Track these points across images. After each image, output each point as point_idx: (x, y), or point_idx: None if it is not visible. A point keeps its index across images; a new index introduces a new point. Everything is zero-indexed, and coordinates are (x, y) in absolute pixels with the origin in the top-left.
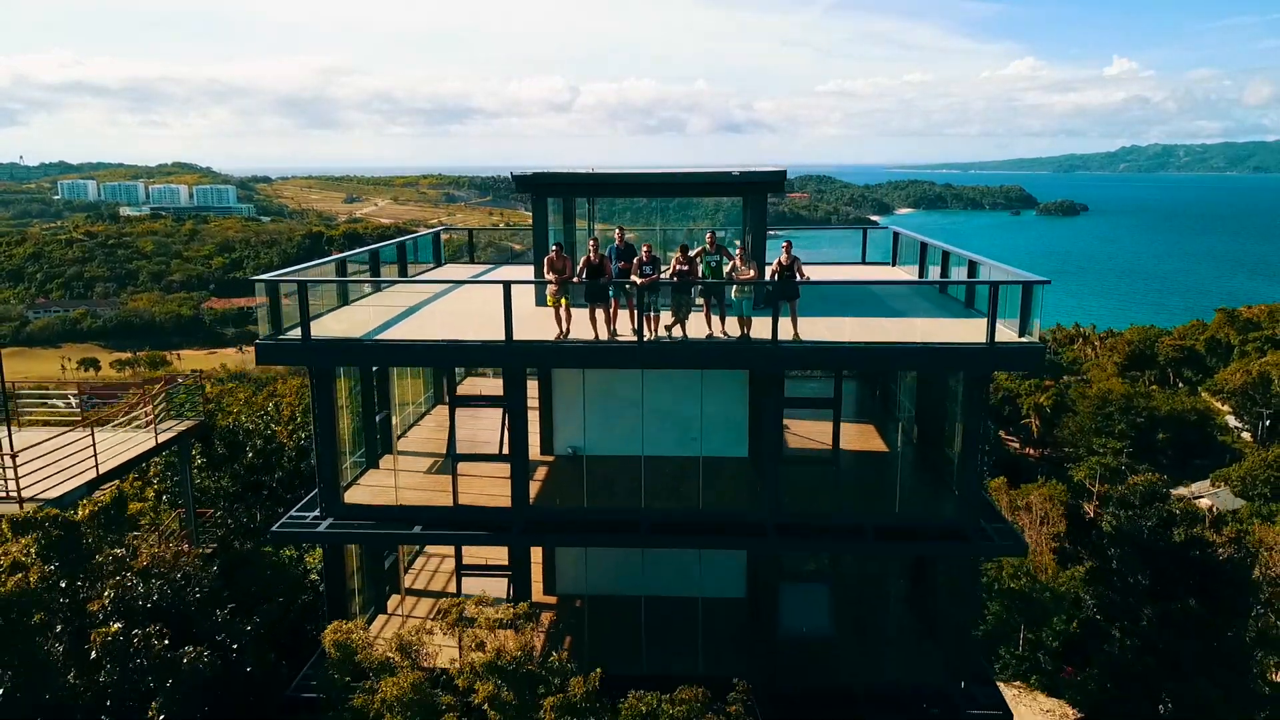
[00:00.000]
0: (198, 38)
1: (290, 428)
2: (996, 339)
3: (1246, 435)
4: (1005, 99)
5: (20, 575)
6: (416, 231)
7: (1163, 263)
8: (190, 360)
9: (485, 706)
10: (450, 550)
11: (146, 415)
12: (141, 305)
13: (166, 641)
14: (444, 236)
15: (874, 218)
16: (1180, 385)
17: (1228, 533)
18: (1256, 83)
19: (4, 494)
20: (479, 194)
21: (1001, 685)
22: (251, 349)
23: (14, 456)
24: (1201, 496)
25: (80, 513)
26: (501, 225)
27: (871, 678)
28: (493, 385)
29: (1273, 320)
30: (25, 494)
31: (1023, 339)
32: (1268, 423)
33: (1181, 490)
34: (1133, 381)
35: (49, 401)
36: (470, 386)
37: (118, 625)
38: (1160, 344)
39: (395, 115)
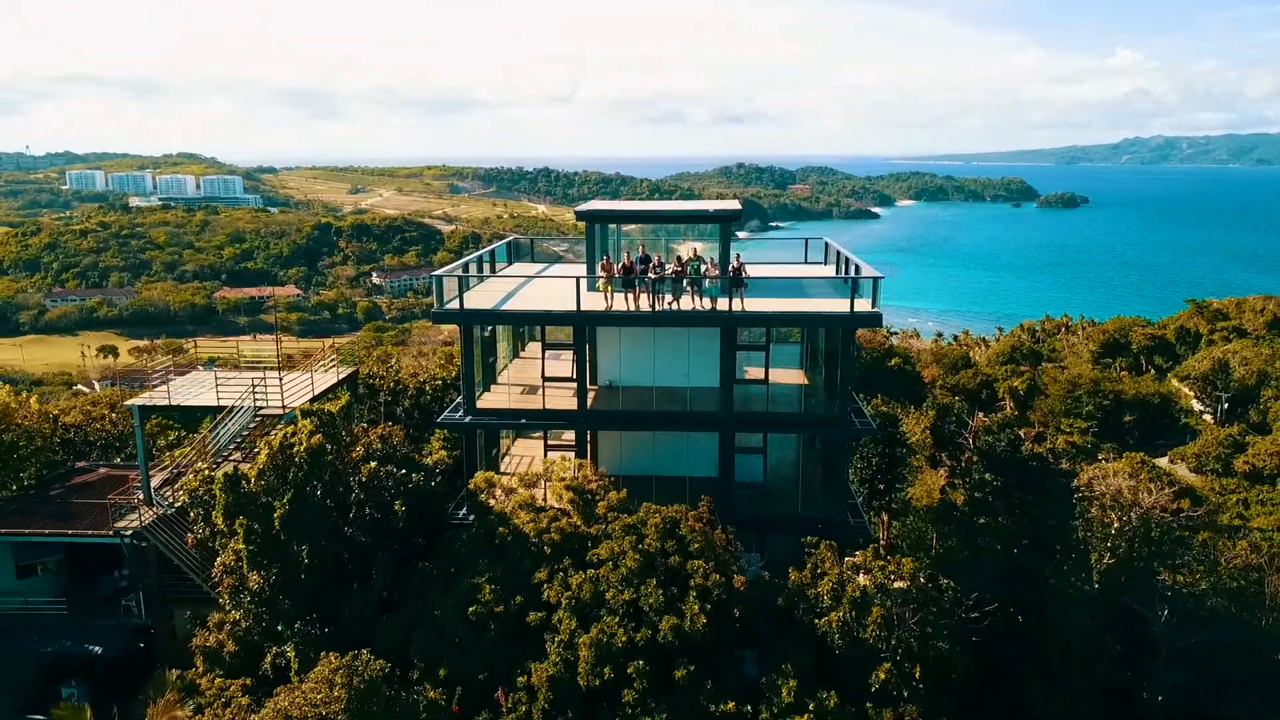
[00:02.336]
0: (195, 26)
1: (408, 373)
2: (856, 309)
3: (1208, 417)
4: (1008, 91)
5: (317, 436)
6: (423, 222)
7: (1159, 255)
8: (206, 348)
9: (569, 508)
10: (526, 451)
11: (329, 363)
12: (156, 295)
13: (404, 472)
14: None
15: (875, 209)
16: (1151, 371)
17: (1043, 447)
18: (1261, 74)
19: (265, 402)
20: (482, 185)
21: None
22: (264, 337)
23: (281, 380)
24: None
25: (333, 408)
26: (506, 216)
27: (789, 511)
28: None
29: (1240, 311)
30: (286, 403)
31: (873, 309)
32: (1225, 405)
33: None
34: (1105, 368)
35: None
36: (536, 350)
37: (374, 464)
38: (1134, 333)
39: (397, 106)
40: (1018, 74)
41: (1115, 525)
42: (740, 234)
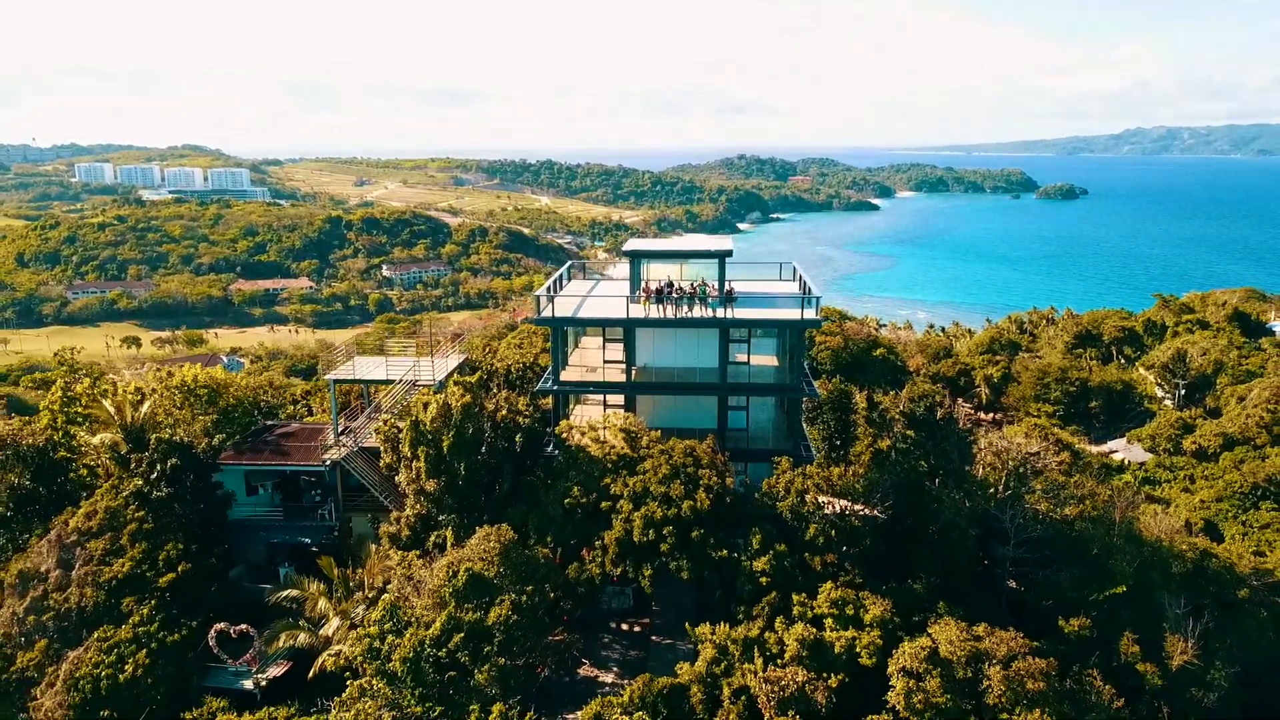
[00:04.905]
0: (196, 18)
1: (498, 357)
2: (805, 316)
3: (1168, 403)
4: (1010, 81)
5: (466, 396)
6: (430, 215)
7: (1152, 247)
8: (225, 339)
9: (621, 443)
10: (583, 412)
11: (452, 349)
12: (174, 287)
13: (518, 418)
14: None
15: (875, 201)
16: (1120, 360)
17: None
18: (1261, 65)
19: (417, 378)
20: (486, 177)
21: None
22: (280, 328)
23: (433, 362)
24: (1117, 451)
25: (473, 378)
26: (511, 208)
27: (764, 447)
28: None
29: (1204, 305)
30: (435, 377)
31: (815, 316)
32: (1183, 391)
33: (1102, 446)
34: (1077, 358)
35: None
36: (590, 341)
37: (505, 411)
38: (1105, 325)
39: (398, 98)
40: (1020, 64)
41: (999, 466)
42: (742, 225)
